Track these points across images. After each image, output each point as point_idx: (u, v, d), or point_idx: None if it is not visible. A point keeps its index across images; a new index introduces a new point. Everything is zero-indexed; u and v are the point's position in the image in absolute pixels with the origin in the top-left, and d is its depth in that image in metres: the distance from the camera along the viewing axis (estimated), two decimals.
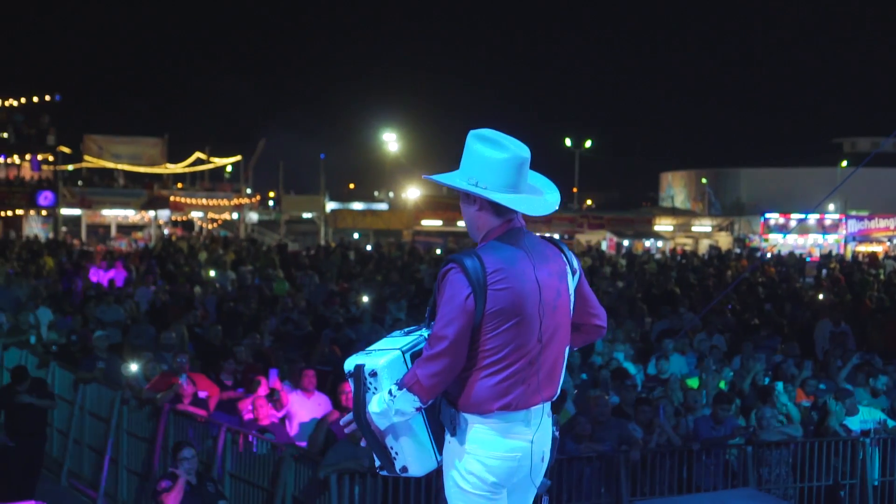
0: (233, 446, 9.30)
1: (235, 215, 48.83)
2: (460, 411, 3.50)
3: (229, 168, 54.81)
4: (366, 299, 17.71)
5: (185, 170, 52.15)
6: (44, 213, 43.85)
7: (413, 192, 52.66)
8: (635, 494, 8.83)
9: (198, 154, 51.74)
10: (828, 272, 28.99)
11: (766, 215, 50.10)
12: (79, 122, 55.47)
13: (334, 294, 19.46)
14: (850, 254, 43.41)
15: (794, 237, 47.60)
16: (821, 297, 20.83)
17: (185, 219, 48.57)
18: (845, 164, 53.19)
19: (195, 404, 10.09)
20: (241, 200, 48.59)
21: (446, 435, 3.55)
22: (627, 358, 12.92)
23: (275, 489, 8.56)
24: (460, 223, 3.79)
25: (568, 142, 55.35)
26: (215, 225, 49.31)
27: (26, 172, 45.49)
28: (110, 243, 40.88)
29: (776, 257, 34.28)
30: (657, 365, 12.10)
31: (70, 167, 49.18)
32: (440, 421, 3.56)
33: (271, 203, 53.22)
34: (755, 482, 9.14)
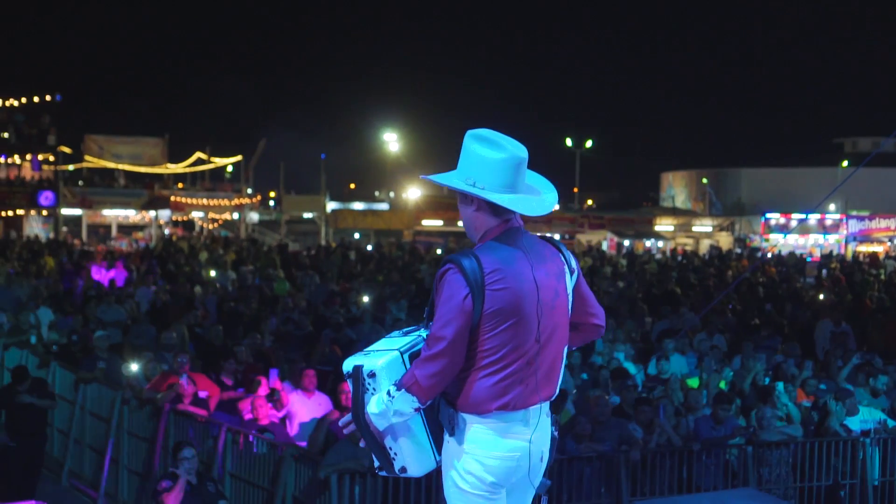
0: (233, 446, 9.30)
1: (236, 215, 48.80)
2: (459, 411, 3.50)
3: (230, 168, 54.85)
4: (366, 299, 17.70)
5: (186, 170, 52.12)
6: (44, 213, 43.83)
7: (414, 192, 52.58)
8: (635, 494, 8.83)
9: (198, 154, 51.72)
10: (828, 272, 28.97)
11: (766, 215, 50.04)
12: (79, 122, 55.43)
13: (335, 294, 19.46)
14: (850, 254, 43.36)
15: (794, 237, 47.57)
16: (821, 297, 20.81)
17: (185, 219, 48.57)
18: (846, 164, 53.23)
19: (195, 404, 10.09)
20: (241, 200, 48.56)
21: (445, 435, 3.55)
22: (628, 358, 12.92)
23: (275, 489, 8.56)
24: (461, 223, 3.78)
25: (568, 142, 55.24)
26: (216, 225, 49.29)
27: (27, 172, 45.50)
28: (111, 243, 40.86)
29: (777, 257, 34.23)
30: (657, 365, 12.08)
31: (71, 167, 49.13)
32: (439, 421, 3.56)
33: (272, 203, 53.15)
34: (755, 482, 9.13)
